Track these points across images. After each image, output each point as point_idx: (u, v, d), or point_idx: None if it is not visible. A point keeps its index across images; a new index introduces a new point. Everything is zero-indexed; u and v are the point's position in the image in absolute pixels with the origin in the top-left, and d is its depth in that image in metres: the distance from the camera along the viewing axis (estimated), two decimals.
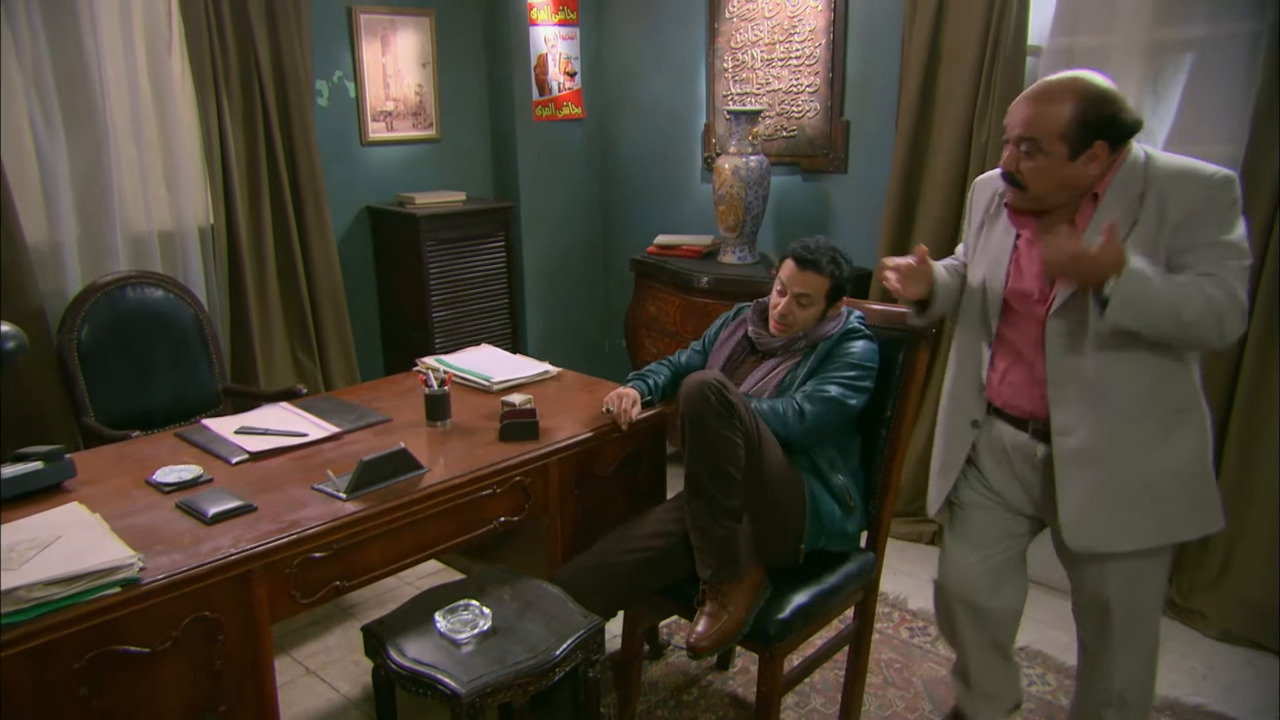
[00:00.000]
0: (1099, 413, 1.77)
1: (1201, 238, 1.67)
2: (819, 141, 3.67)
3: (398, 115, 3.98)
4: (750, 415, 1.99)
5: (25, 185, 2.99)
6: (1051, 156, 1.70)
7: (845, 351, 2.18)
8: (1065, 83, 1.70)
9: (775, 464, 2.04)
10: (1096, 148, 1.68)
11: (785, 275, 2.25)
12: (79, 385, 2.84)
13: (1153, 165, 1.71)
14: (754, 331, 2.32)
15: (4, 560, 1.55)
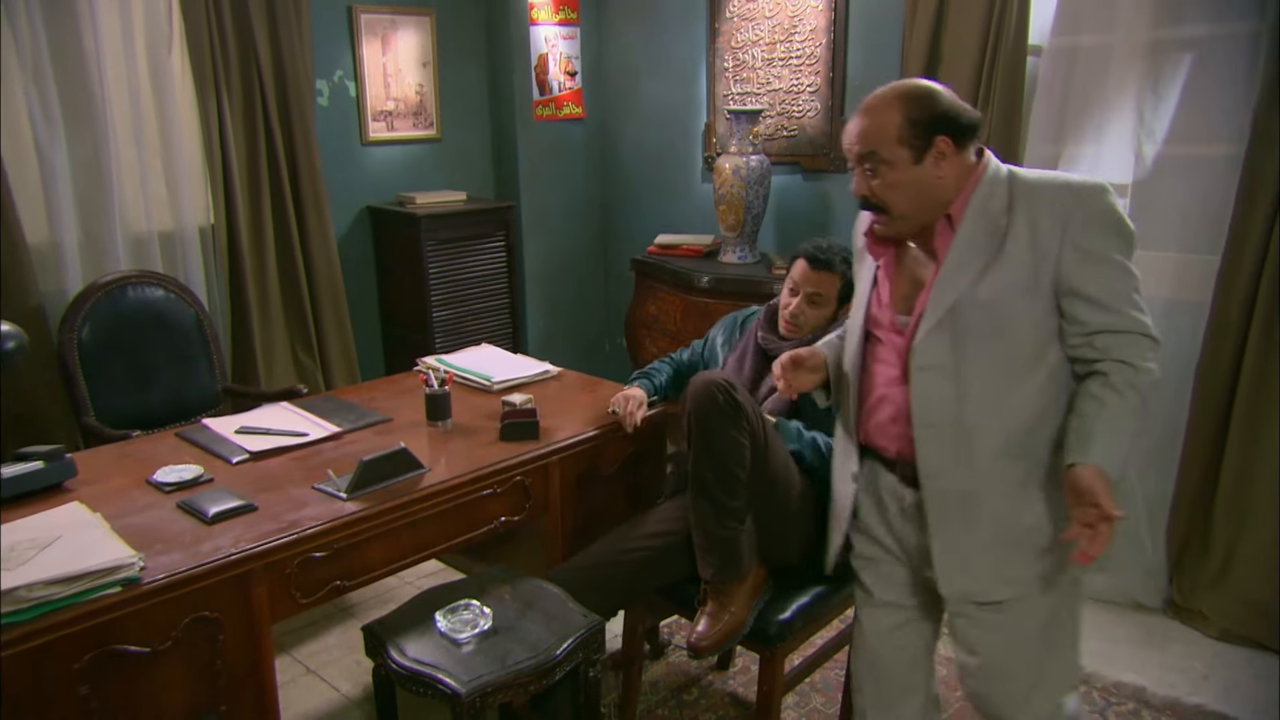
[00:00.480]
0: (970, 452, 1.60)
1: (1094, 264, 1.52)
2: (819, 141, 3.67)
3: (398, 115, 3.98)
4: (757, 416, 1.98)
5: (26, 185, 2.98)
6: (896, 165, 1.56)
7: None
8: (887, 90, 1.60)
9: (781, 466, 2.04)
10: (940, 144, 1.55)
11: (797, 275, 2.24)
12: (79, 385, 2.83)
13: (1018, 180, 1.58)
14: (763, 338, 2.32)
15: (4, 560, 1.55)
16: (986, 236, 1.56)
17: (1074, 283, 1.53)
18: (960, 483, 1.62)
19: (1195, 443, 2.77)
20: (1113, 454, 1.49)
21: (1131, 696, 2.49)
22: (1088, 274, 1.52)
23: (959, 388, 1.58)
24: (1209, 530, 2.80)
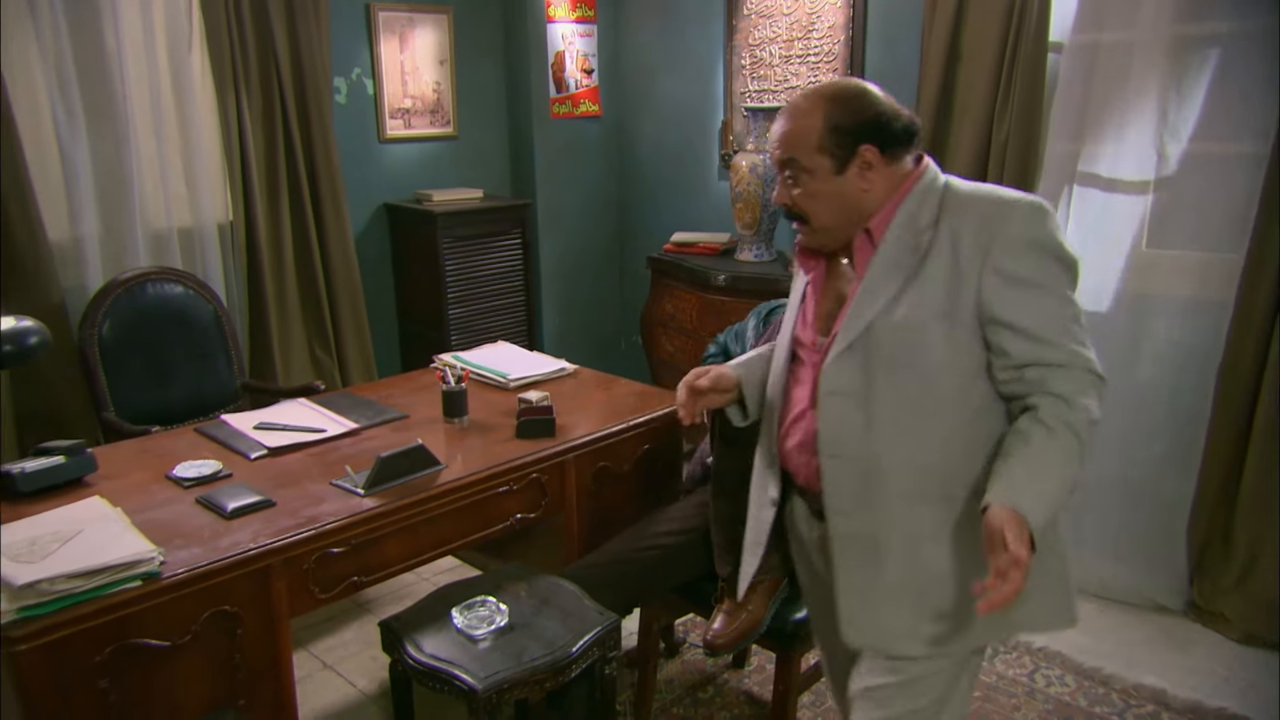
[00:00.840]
0: (878, 490, 1.44)
1: (1021, 290, 1.36)
2: None
3: (415, 112, 3.99)
4: None
5: (48, 182, 3.01)
6: (816, 174, 1.43)
7: None
8: (813, 90, 1.47)
9: None
10: (865, 154, 1.41)
11: None
12: (99, 380, 2.86)
13: (951, 193, 1.44)
14: None
15: (27, 553, 1.56)
16: (909, 254, 1.41)
17: (997, 310, 1.36)
18: (866, 523, 1.46)
19: (1217, 443, 2.74)
20: (1035, 497, 1.30)
21: (1151, 699, 2.47)
22: (1013, 301, 1.36)
23: (868, 418, 1.43)
24: (1231, 532, 2.77)
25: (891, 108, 1.44)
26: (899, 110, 1.45)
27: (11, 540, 1.62)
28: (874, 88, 1.46)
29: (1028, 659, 2.66)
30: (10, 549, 1.58)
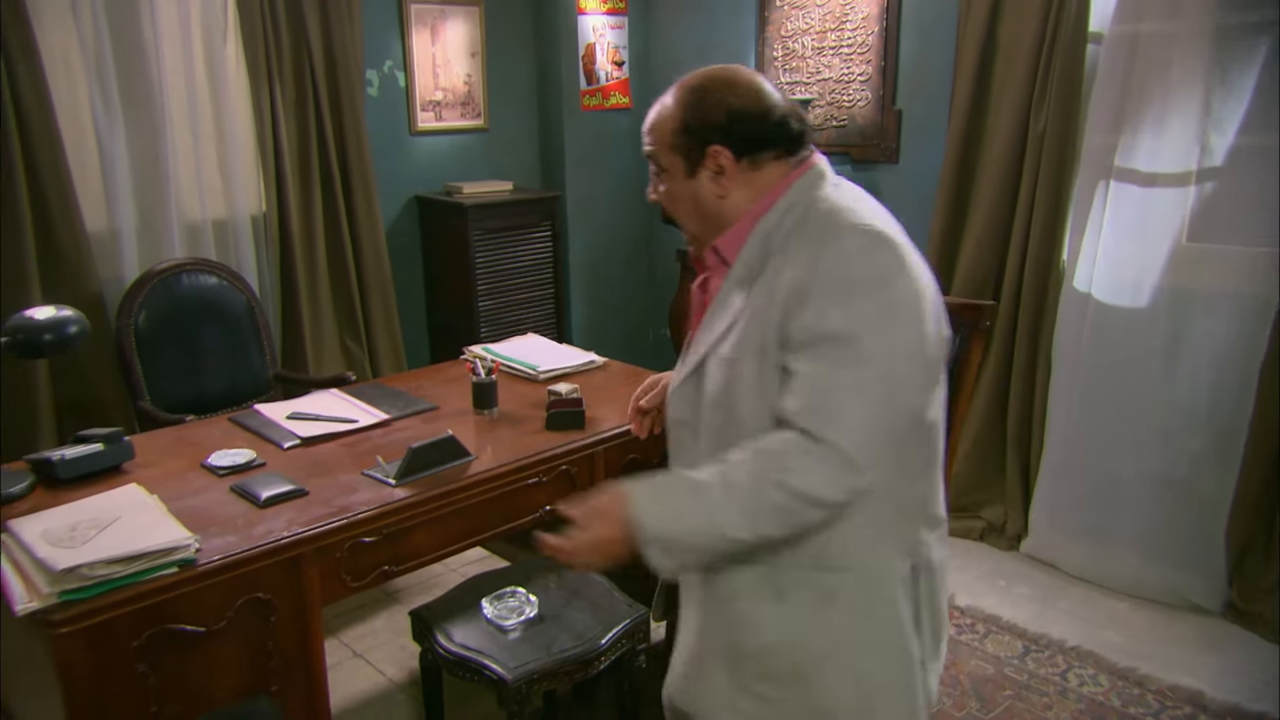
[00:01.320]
0: None
1: (807, 333, 1.17)
2: (870, 131, 3.62)
3: (446, 105, 4.00)
4: None
5: (86, 174, 3.05)
6: (672, 174, 1.31)
7: None
8: (688, 76, 1.31)
9: None
10: (713, 156, 1.26)
11: None
12: (135, 370, 2.89)
13: (813, 209, 1.24)
14: None
15: (67, 539, 1.59)
16: (751, 278, 1.25)
17: (786, 352, 1.19)
18: (694, 578, 1.33)
19: (1258, 441, 2.69)
20: (663, 503, 1.18)
21: (1188, 700, 2.43)
22: (798, 344, 1.18)
23: (697, 454, 1.29)
24: (1272, 531, 2.72)
25: (756, 104, 1.26)
26: (768, 107, 1.27)
27: (52, 525, 1.65)
28: (750, 78, 1.29)
29: (1060, 658, 2.63)
30: (51, 534, 1.61)
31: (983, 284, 3.21)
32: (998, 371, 3.22)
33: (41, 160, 2.86)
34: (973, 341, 2.21)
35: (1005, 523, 3.27)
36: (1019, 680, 2.54)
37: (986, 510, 3.33)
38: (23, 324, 1.85)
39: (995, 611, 2.86)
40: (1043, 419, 3.14)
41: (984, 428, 3.28)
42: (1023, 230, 3.08)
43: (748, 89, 1.27)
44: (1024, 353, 3.15)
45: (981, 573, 3.12)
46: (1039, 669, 2.59)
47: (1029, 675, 2.56)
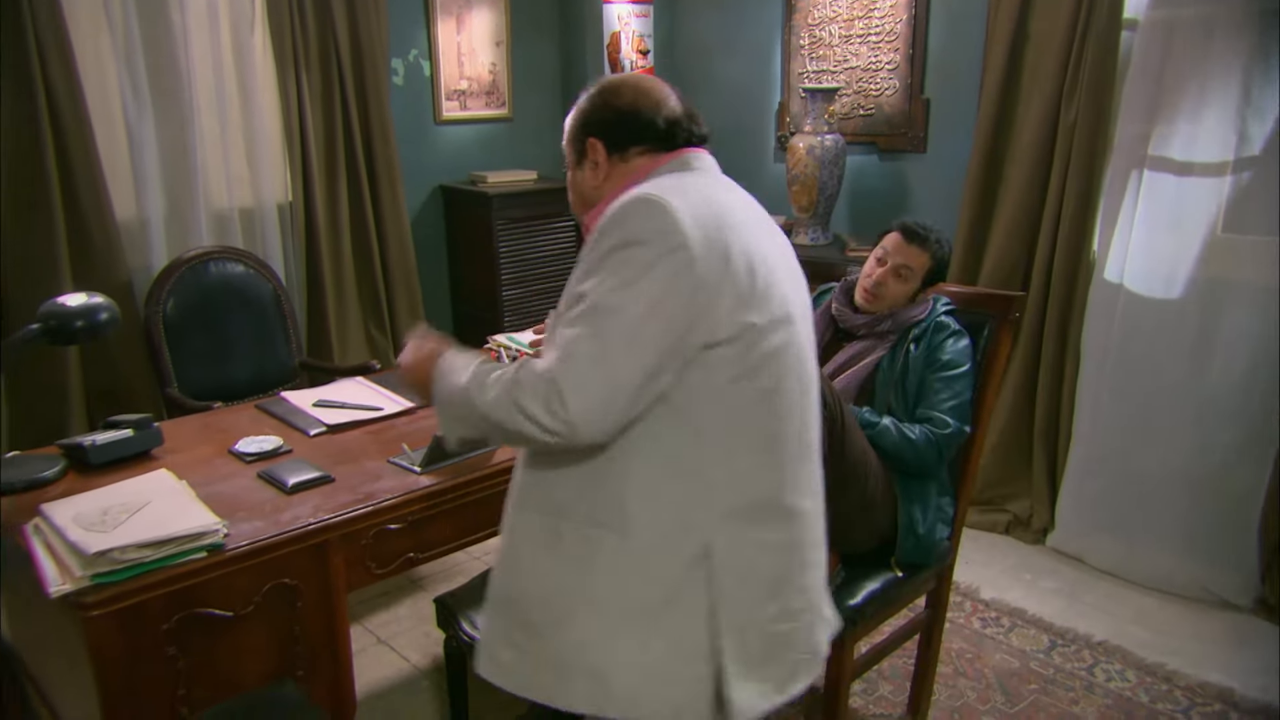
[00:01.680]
0: (512, 494, 1.40)
1: (567, 290, 1.29)
2: (897, 120, 3.58)
3: (471, 94, 4.00)
4: (835, 400, 1.95)
5: (116, 163, 3.08)
6: (568, 165, 1.46)
7: (947, 361, 2.09)
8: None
9: (858, 453, 1.99)
10: (591, 148, 1.40)
11: (889, 245, 2.20)
12: (164, 357, 2.92)
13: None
14: (837, 309, 2.28)
15: (99, 523, 1.61)
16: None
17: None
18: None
19: None
20: (449, 374, 1.34)
21: (1218, 698, 2.40)
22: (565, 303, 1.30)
23: None
24: None
25: (630, 106, 1.39)
26: (639, 108, 1.39)
27: (84, 509, 1.67)
28: (636, 84, 1.43)
29: (1086, 653, 2.60)
30: (83, 518, 1.63)
31: (1011, 275, 3.17)
32: (1025, 363, 3.19)
33: (73, 150, 2.89)
34: (1001, 333, 2.19)
35: (1031, 516, 3.24)
36: (1044, 674, 2.52)
37: (1012, 504, 3.30)
38: (55, 311, 1.87)
39: (1020, 605, 2.84)
40: (1070, 411, 3.11)
41: (1011, 420, 3.25)
42: (1052, 221, 3.04)
43: (630, 92, 1.41)
44: (1052, 344, 3.11)
45: (1007, 566, 3.09)
46: (1065, 663, 2.56)
47: (1055, 670, 2.54)
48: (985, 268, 3.23)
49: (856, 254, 3.37)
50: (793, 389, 1.36)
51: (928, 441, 2.05)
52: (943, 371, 2.10)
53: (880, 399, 2.14)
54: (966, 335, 2.15)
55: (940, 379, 2.09)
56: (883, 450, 2.05)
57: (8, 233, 2.84)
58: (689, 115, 1.44)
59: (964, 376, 2.10)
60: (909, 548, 2.08)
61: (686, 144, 1.43)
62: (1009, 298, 2.20)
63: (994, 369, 2.20)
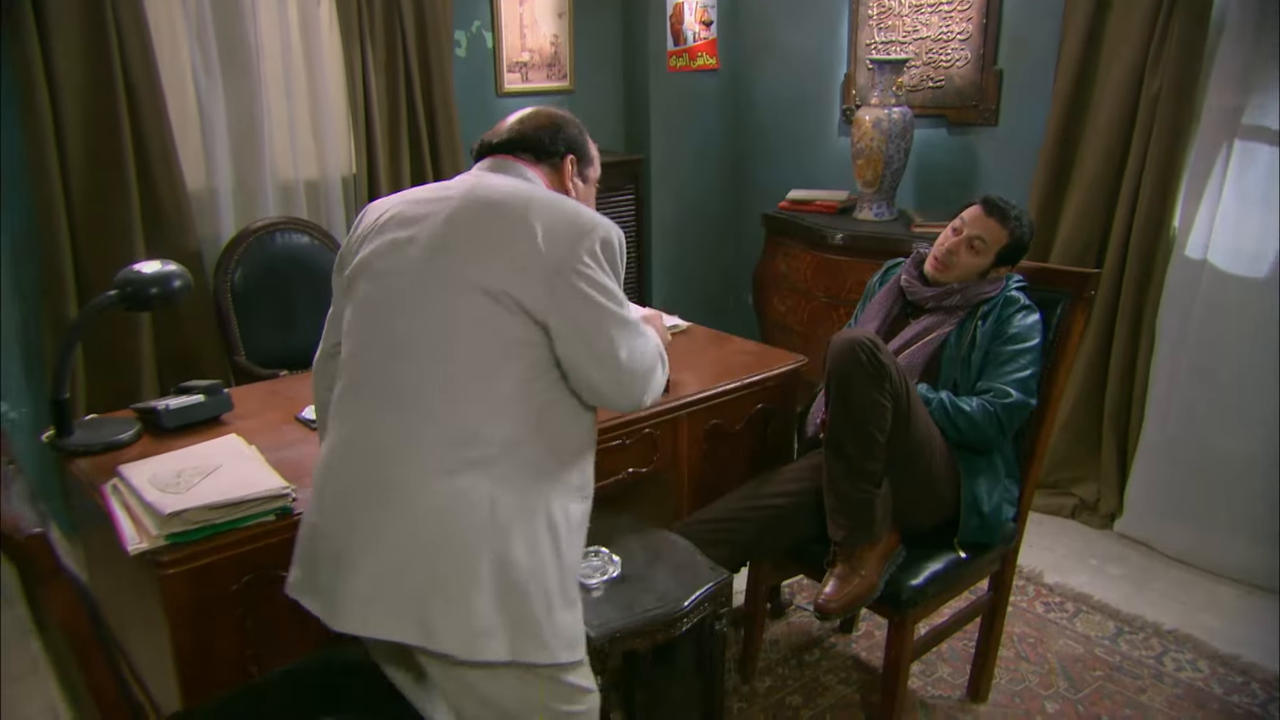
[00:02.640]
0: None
1: None
2: (968, 92, 3.48)
3: (533, 66, 3.99)
4: (902, 378, 1.91)
5: (187, 135, 3.14)
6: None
7: (1014, 334, 2.05)
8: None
9: (922, 431, 1.96)
10: (566, 161, 1.61)
11: (968, 216, 2.15)
12: (232, 325, 2.98)
13: None
14: (906, 281, 2.23)
15: (173, 484, 1.65)
16: None
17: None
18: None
19: None
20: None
21: None
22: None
23: None
24: None
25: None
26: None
27: (159, 471, 1.71)
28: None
29: (1155, 641, 2.54)
30: (158, 479, 1.67)
31: (1084, 252, 3.07)
32: (1097, 343, 3.09)
33: (147, 123, 2.95)
34: (1075, 311, 2.13)
35: (1099, 500, 3.16)
36: (1110, 661, 2.46)
37: (1079, 487, 3.22)
38: (131, 278, 1.92)
39: (1086, 590, 2.78)
40: (1144, 393, 3.01)
41: (1080, 401, 3.16)
42: (1130, 195, 2.93)
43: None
44: (1126, 324, 3.01)
45: (1072, 550, 3.02)
46: (1132, 651, 2.50)
47: (1121, 657, 2.48)
48: (1057, 245, 3.13)
49: (922, 230, 3.30)
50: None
51: (985, 413, 2.00)
52: (1009, 344, 2.04)
53: (946, 376, 2.09)
54: (1037, 311, 2.09)
55: (1006, 351, 2.04)
56: (940, 427, 2.01)
57: (85, 201, 2.92)
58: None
59: (1031, 350, 2.04)
60: (972, 527, 2.05)
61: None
62: (1084, 275, 2.13)
63: (1066, 348, 2.13)
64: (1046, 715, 2.27)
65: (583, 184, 1.64)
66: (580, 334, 1.40)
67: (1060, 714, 2.27)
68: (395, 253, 1.44)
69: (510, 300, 1.37)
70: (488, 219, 1.41)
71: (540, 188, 1.51)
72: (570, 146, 1.60)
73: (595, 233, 1.42)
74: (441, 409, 1.36)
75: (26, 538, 1.06)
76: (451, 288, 1.38)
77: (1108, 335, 3.08)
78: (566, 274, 1.38)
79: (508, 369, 1.38)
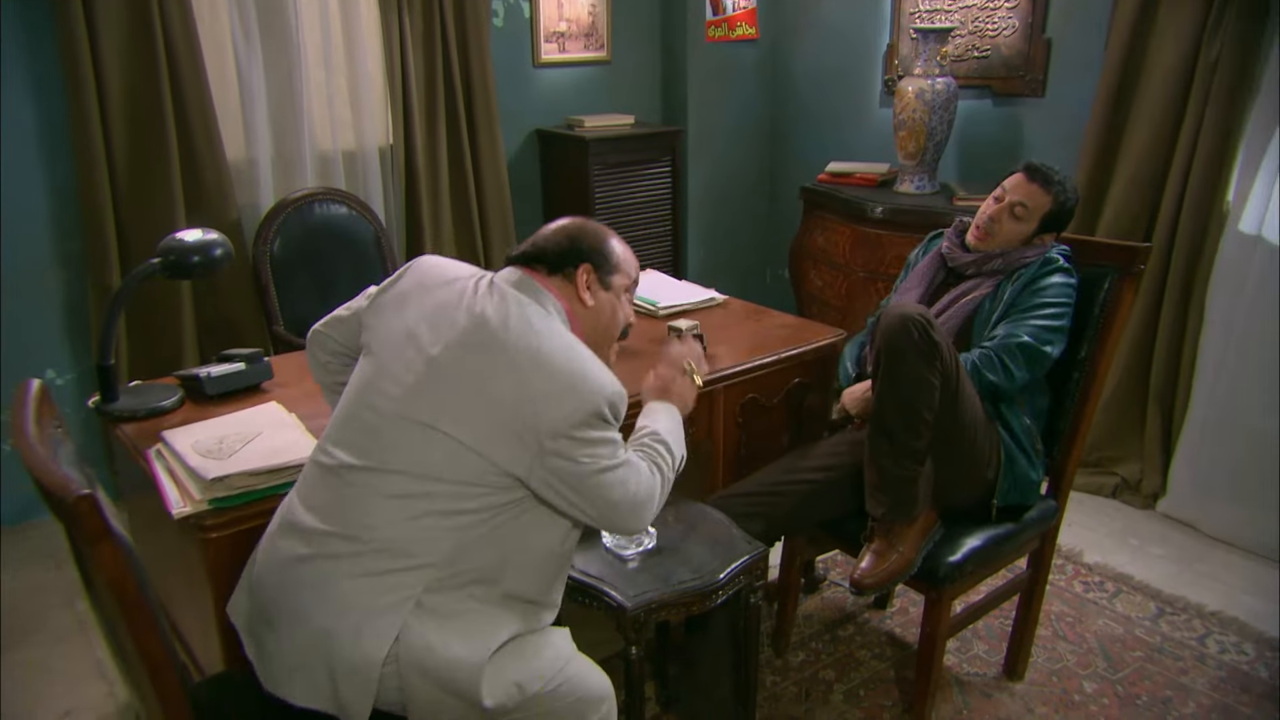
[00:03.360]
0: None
1: None
2: (1015, 62, 3.40)
3: (570, 36, 3.96)
4: (952, 357, 1.88)
5: (227, 106, 3.16)
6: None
7: (1040, 287, 2.02)
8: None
9: (969, 411, 1.93)
10: (580, 272, 1.62)
11: (1009, 184, 2.11)
12: (270, 294, 3.01)
13: None
14: (948, 247, 2.19)
15: (215, 450, 1.67)
16: None
17: None
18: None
19: None
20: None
21: None
22: None
23: None
24: None
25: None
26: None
27: (202, 437, 1.73)
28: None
29: (1198, 622, 2.50)
30: (201, 445, 1.69)
31: (1132, 226, 3.00)
32: (1143, 320, 3.03)
33: (188, 93, 2.97)
34: (1123, 286, 2.08)
35: (1141, 480, 3.10)
36: (1151, 642, 2.42)
37: (1121, 466, 3.16)
38: (174, 246, 1.93)
39: (1126, 570, 2.74)
40: (1191, 370, 2.95)
41: (1124, 379, 3.10)
42: (1183, 167, 2.85)
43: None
44: (1174, 299, 2.94)
45: (1112, 530, 2.98)
46: (1174, 632, 2.46)
47: (1162, 638, 2.44)
48: (1104, 219, 3.06)
49: (964, 203, 3.24)
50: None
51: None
52: (1032, 297, 2.01)
53: (977, 339, 2.06)
54: (1074, 275, 2.04)
55: (1028, 302, 2.01)
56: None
57: (127, 171, 2.96)
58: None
59: (1054, 304, 2.00)
60: (1006, 487, 2.02)
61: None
62: (1133, 249, 2.08)
63: (1113, 324, 2.09)
64: (1084, 694, 2.25)
65: (605, 291, 1.60)
66: (565, 490, 1.42)
67: (1098, 694, 2.25)
68: (399, 358, 1.45)
69: (487, 460, 1.38)
70: (481, 373, 1.40)
71: (554, 331, 1.46)
72: (586, 256, 1.57)
73: (590, 401, 1.40)
74: (382, 522, 1.37)
75: (75, 499, 1.07)
76: (428, 429, 1.39)
77: (1154, 311, 3.01)
78: (556, 441, 1.38)
79: (466, 505, 1.38)
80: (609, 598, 1.71)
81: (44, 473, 1.13)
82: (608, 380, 1.44)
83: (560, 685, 1.44)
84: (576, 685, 1.47)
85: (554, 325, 1.47)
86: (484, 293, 1.48)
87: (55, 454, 1.23)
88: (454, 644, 1.36)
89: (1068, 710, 2.20)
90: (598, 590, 1.73)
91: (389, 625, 1.34)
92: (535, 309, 1.47)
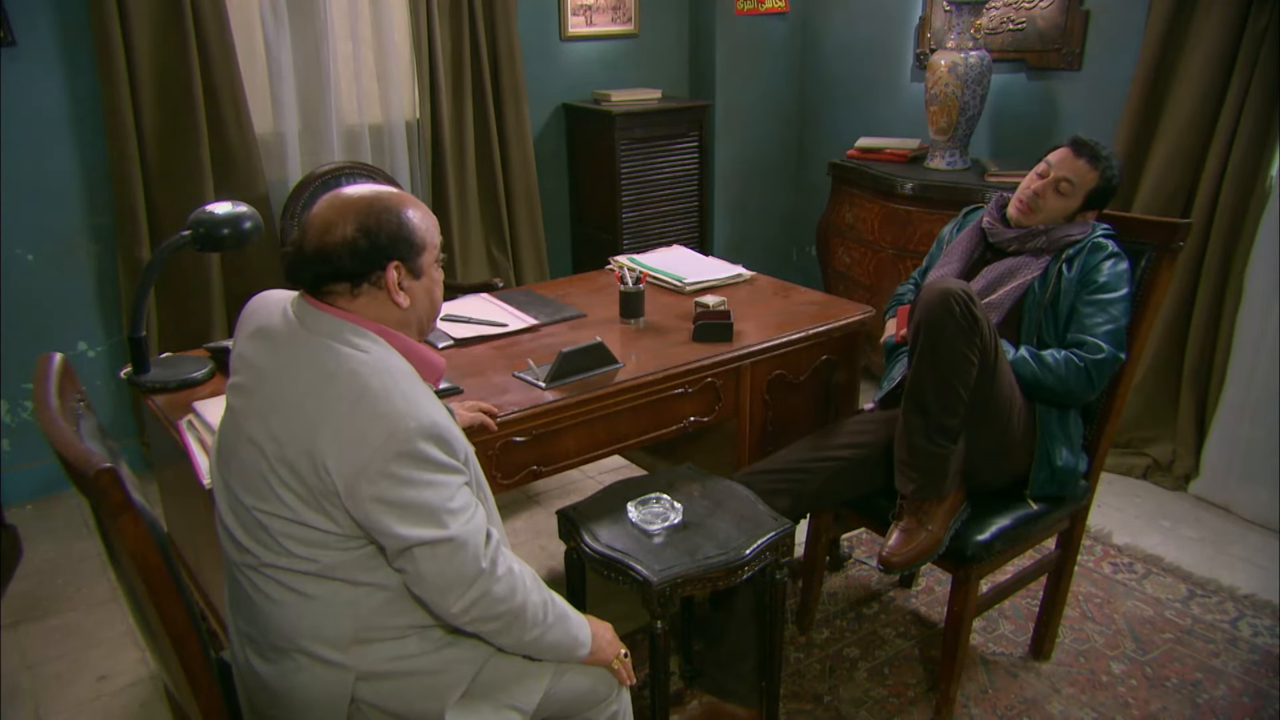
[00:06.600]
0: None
1: None
2: (1051, 35, 3.33)
3: (597, 9, 3.92)
4: (992, 334, 1.85)
5: (255, 80, 3.16)
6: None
7: (1104, 283, 1.96)
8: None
9: (1006, 390, 1.90)
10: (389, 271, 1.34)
11: (1054, 159, 2.07)
12: None
13: None
14: (988, 223, 2.15)
15: None
16: None
17: None
18: None
19: None
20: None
21: None
22: None
23: None
24: None
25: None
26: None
27: None
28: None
29: (1230, 605, 2.46)
30: None
31: (1169, 203, 2.94)
32: (1179, 298, 2.97)
33: (216, 67, 2.97)
34: (1161, 264, 2.04)
35: (1174, 461, 3.06)
36: (1181, 625, 2.40)
37: (1153, 447, 3.12)
38: (204, 218, 1.94)
39: (1157, 552, 2.70)
40: (1227, 351, 2.89)
41: (1158, 358, 3.05)
42: (1225, 141, 2.78)
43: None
44: (1212, 278, 2.88)
45: (1143, 511, 2.94)
46: (1205, 615, 2.43)
47: (1193, 620, 2.41)
48: (1140, 196, 3.00)
49: (996, 180, 3.18)
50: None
51: (1072, 368, 1.93)
52: (1098, 294, 1.96)
53: (1029, 323, 2.03)
54: (1126, 259, 2.00)
55: (1094, 301, 1.96)
56: (1023, 382, 1.95)
57: (156, 144, 2.97)
58: None
59: (1121, 301, 1.96)
60: (1042, 480, 2.00)
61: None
62: (1172, 225, 2.04)
63: (1151, 302, 2.05)
64: (1112, 675, 2.23)
65: (418, 280, 1.33)
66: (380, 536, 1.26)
67: (1126, 675, 2.23)
68: (232, 405, 1.37)
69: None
70: (285, 417, 1.25)
71: (354, 364, 1.25)
72: (390, 251, 1.29)
73: (395, 441, 1.21)
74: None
75: (96, 472, 1.08)
76: (251, 474, 1.28)
77: (1191, 289, 2.96)
78: (366, 487, 1.21)
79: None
80: (635, 572, 1.71)
81: (66, 446, 1.13)
82: (415, 412, 1.24)
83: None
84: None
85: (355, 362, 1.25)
86: (277, 339, 1.32)
87: (78, 428, 1.24)
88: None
89: (1095, 691, 2.18)
90: (623, 564, 1.73)
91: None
92: (329, 355, 1.26)
